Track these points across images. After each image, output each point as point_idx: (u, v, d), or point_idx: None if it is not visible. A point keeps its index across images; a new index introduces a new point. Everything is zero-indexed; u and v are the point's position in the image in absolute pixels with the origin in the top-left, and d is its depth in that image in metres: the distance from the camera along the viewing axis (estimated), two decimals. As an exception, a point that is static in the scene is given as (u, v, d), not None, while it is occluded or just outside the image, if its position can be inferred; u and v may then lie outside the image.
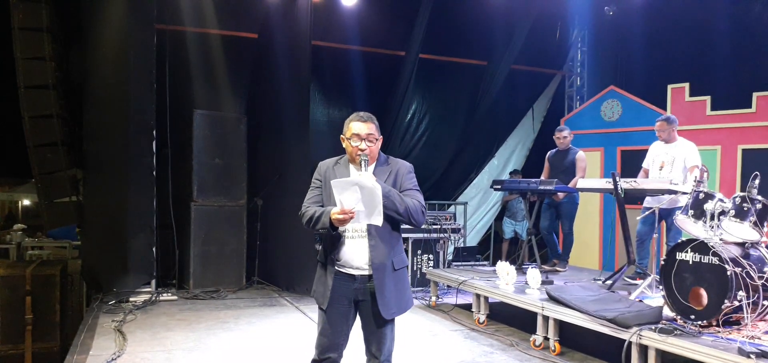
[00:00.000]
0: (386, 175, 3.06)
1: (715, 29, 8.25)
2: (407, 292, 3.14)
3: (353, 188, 2.79)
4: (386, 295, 2.99)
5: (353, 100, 9.60)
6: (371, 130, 3.05)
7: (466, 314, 6.32)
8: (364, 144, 3.02)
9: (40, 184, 7.16)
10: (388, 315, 3.02)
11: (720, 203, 4.39)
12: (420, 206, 3.00)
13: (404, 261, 3.13)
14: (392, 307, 3.03)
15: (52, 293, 6.86)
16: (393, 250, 3.04)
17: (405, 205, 2.95)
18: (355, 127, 3.04)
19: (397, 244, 3.09)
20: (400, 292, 3.07)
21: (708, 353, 3.71)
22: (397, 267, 3.06)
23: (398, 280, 3.07)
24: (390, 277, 3.01)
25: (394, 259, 3.04)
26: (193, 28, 7.90)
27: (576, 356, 4.89)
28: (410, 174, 3.11)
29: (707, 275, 4.10)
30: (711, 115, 7.86)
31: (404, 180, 3.07)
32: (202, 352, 4.85)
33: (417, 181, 3.12)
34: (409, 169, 3.12)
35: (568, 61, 10.92)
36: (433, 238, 7.81)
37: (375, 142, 3.06)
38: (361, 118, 3.07)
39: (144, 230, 6.85)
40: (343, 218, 2.84)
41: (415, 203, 2.99)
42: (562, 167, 6.98)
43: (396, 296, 3.04)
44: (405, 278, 3.14)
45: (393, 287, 3.02)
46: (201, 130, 7.32)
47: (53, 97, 6.93)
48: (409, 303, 3.14)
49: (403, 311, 3.10)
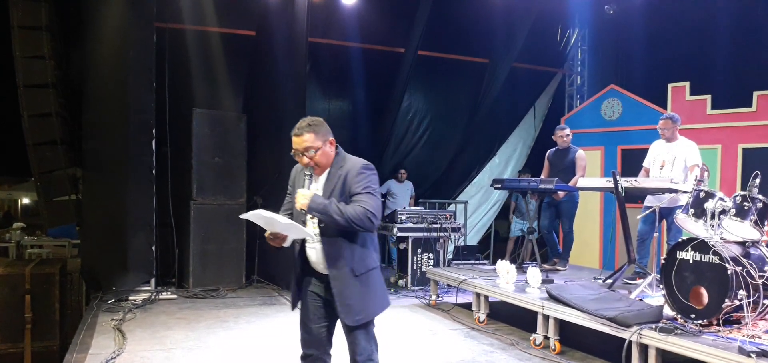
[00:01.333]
0: (334, 181, 2.95)
1: (715, 28, 8.25)
2: (377, 296, 3.03)
3: (270, 218, 2.83)
4: (347, 301, 2.92)
5: (353, 96, 9.61)
6: (307, 142, 2.93)
7: (466, 313, 6.31)
8: (305, 158, 2.95)
9: (40, 182, 7.16)
10: (351, 321, 2.94)
11: (720, 202, 4.39)
12: (364, 213, 2.81)
13: (369, 265, 3.00)
14: (356, 314, 2.93)
15: (52, 292, 6.84)
16: (352, 256, 2.93)
17: (346, 215, 2.80)
18: (293, 142, 2.97)
19: (357, 250, 2.95)
20: (367, 297, 2.97)
21: (708, 352, 3.69)
22: (359, 272, 2.94)
23: (363, 284, 2.95)
24: (351, 283, 2.92)
25: (355, 265, 2.93)
26: (193, 26, 7.89)
27: (576, 355, 4.88)
28: (360, 175, 2.91)
29: (708, 274, 4.09)
30: (711, 114, 7.86)
31: (353, 184, 2.90)
32: (202, 351, 4.84)
33: (372, 180, 2.94)
34: (359, 170, 2.93)
35: (569, 59, 10.93)
36: (433, 237, 7.81)
37: (317, 151, 2.95)
38: (295, 132, 2.97)
39: (143, 229, 6.85)
40: (273, 243, 2.95)
41: (358, 211, 2.81)
42: (562, 166, 6.97)
43: (361, 301, 2.94)
44: (371, 282, 3.00)
45: (356, 292, 2.93)
46: (200, 128, 7.31)
47: (53, 96, 6.93)
48: (379, 306, 3.04)
49: (373, 316, 3.01)
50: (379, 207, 2.90)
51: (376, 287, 3.03)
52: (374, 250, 3.06)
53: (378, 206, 2.89)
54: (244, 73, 8.47)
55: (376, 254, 3.07)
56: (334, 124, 10.35)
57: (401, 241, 7.92)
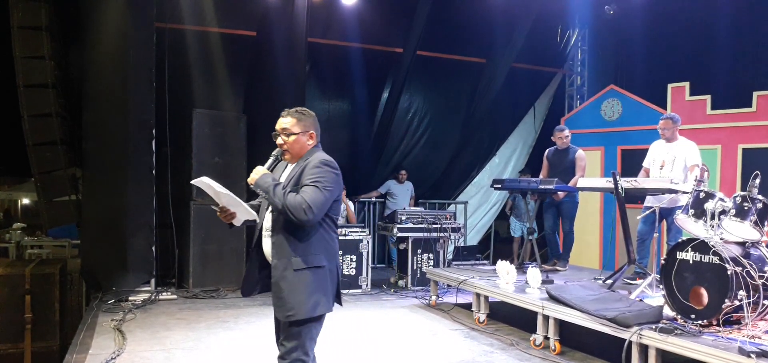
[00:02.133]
0: (295, 171, 2.94)
1: (715, 28, 8.25)
2: (314, 296, 2.87)
3: (217, 189, 2.84)
4: (280, 294, 2.87)
5: (352, 96, 9.62)
6: (286, 125, 2.97)
7: (466, 313, 6.31)
8: (280, 139, 2.99)
9: (40, 182, 7.15)
10: (281, 316, 2.89)
11: (720, 202, 4.39)
12: (301, 202, 2.75)
13: (311, 262, 2.88)
14: (288, 309, 2.85)
15: (52, 292, 6.84)
16: (294, 250, 2.86)
17: (284, 201, 2.77)
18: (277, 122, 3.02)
19: (301, 245, 2.87)
20: (302, 294, 2.85)
21: (708, 353, 3.69)
22: (298, 267, 2.85)
23: (300, 280, 2.85)
24: (288, 276, 2.85)
25: (295, 259, 2.85)
26: (193, 27, 7.89)
27: (576, 356, 4.88)
28: (316, 169, 2.86)
29: (708, 275, 4.09)
30: (711, 115, 7.86)
31: (306, 176, 2.86)
32: (202, 352, 4.84)
33: (327, 176, 2.86)
34: (316, 164, 2.88)
35: (569, 60, 10.93)
36: (433, 237, 7.81)
37: (291, 136, 2.96)
38: (282, 114, 3.03)
39: (143, 229, 6.85)
40: (221, 217, 2.95)
41: (297, 200, 2.77)
42: (562, 166, 6.97)
43: (294, 297, 2.85)
44: (310, 280, 2.88)
45: (291, 287, 2.85)
46: (200, 128, 7.30)
47: (52, 96, 6.92)
48: (314, 308, 2.87)
49: (306, 315, 2.86)
50: (321, 202, 2.80)
51: (315, 287, 2.88)
52: (324, 250, 2.93)
53: (320, 202, 2.80)
54: (244, 74, 8.47)
55: (326, 255, 2.94)
56: (334, 124, 10.40)
57: (401, 241, 7.92)
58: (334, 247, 3.02)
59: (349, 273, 7.48)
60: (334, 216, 3.02)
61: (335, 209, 3.00)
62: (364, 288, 7.54)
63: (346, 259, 7.45)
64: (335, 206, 2.99)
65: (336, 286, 3.03)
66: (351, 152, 9.82)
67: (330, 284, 2.97)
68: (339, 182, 2.94)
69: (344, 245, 7.45)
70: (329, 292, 2.96)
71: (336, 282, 3.03)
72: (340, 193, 3.01)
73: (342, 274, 3.09)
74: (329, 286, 2.96)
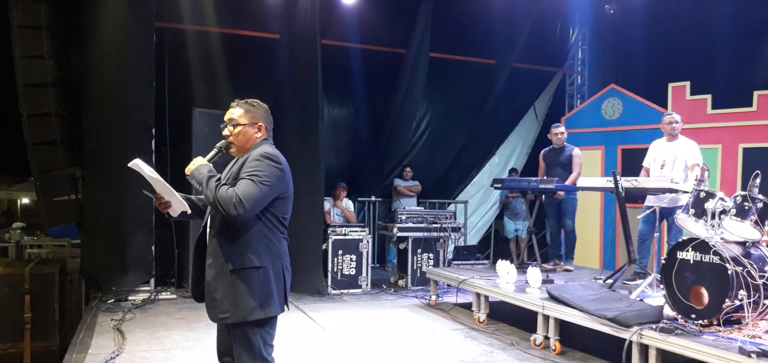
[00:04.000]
0: (236, 164, 2.82)
1: (715, 28, 8.25)
2: (252, 298, 2.69)
3: (151, 174, 2.74)
4: (213, 294, 2.72)
5: (355, 98, 9.61)
6: (233, 115, 2.85)
7: (466, 313, 6.30)
8: (226, 130, 2.87)
9: (39, 182, 7.12)
10: (212, 317, 2.74)
11: (721, 202, 4.39)
12: (232, 195, 2.59)
13: (249, 262, 2.70)
14: (221, 311, 2.69)
15: (51, 292, 6.82)
16: (231, 249, 2.70)
17: (215, 194, 2.62)
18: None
19: (239, 243, 2.70)
20: (238, 295, 2.68)
21: (709, 352, 3.69)
22: (235, 267, 2.69)
23: (236, 280, 2.69)
24: (222, 277, 2.71)
25: (232, 258, 2.69)
26: (193, 26, 7.88)
27: (576, 355, 4.87)
28: (255, 162, 2.70)
29: (708, 274, 4.08)
30: (712, 114, 7.85)
31: (245, 167, 2.72)
32: (201, 351, 4.83)
33: (266, 170, 2.69)
34: (256, 157, 2.73)
35: (569, 59, 10.93)
36: (433, 236, 7.80)
37: (237, 127, 2.83)
38: (232, 104, 2.91)
39: (143, 229, 6.85)
40: (157, 205, 2.83)
41: (229, 193, 2.61)
42: (559, 164, 6.96)
43: (228, 298, 2.69)
44: (248, 281, 2.70)
45: (225, 288, 2.69)
46: (200, 128, 7.28)
47: (52, 96, 6.89)
48: (253, 310, 2.69)
49: (243, 318, 2.69)
50: (255, 197, 2.62)
51: (254, 288, 2.70)
52: (265, 249, 2.75)
53: (254, 196, 2.62)
54: (245, 74, 8.45)
55: (267, 255, 2.76)
56: (336, 124, 10.30)
57: (401, 241, 7.92)
58: (278, 247, 2.81)
59: (349, 273, 7.47)
60: (281, 214, 2.82)
61: (282, 207, 2.82)
62: (364, 288, 7.54)
63: (345, 259, 7.45)
64: (281, 204, 2.81)
65: (283, 288, 2.82)
66: (353, 153, 9.82)
67: (274, 285, 2.76)
68: (281, 177, 2.75)
69: (344, 245, 7.45)
70: (273, 293, 2.76)
71: (282, 283, 2.81)
72: (285, 190, 2.81)
73: (290, 276, 2.91)
74: (273, 287, 2.76)
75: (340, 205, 8.45)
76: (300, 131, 7.37)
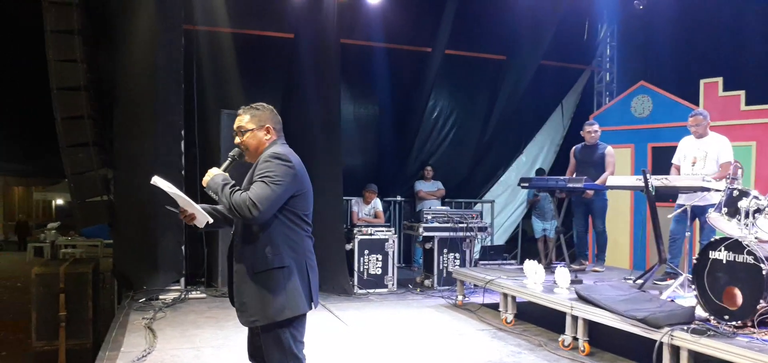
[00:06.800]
0: (251, 168, 2.83)
1: (748, 21, 8.05)
2: (279, 298, 2.71)
3: (171, 191, 2.79)
4: (242, 299, 2.75)
5: (379, 97, 9.62)
6: (241, 122, 2.89)
7: (493, 314, 6.27)
8: (237, 138, 2.90)
9: (73, 183, 7.28)
10: (245, 321, 2.77)
11: (755, 201, 4.29)
12: (246, 199, 2.62)
13: (272, 263, 2.71)
14: (251, 314, 2.73)
15: (85, 291, 6.97)
16: (254, 252, 2.73)
17: (230, 200, 2.67)
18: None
19: (260, 246, 2.72)
20: (265, 297, 2.71)
21: (743, 355, 3.61)
22: (258, 269, 2.71)
23: (262, 283, 2.71)
24: (248, 280, 2.73)
25: (255, 261, 2.72)
26: (221, 29, 7.97)
27: (606, 357, 4.82)
28: (265, 163, 2.72)
29: (741, 274, 4.00)
30: (745, 111, 7.66)
31: (256, 171, 2.74)
32: (230, 350, 4.90)
33: (277, 170, 2.69)
34: (266, 158, 2.74)
35: (597, 56, 10.78)
36: (459, 236, 7.77)
37: (246, 133, 2.86)
38: (238, 112, 2.93)
39: (173, 229, 6.96)
40: (182, 218, 2.88)
41: (243, 197, 2.64)
42: (591, 163, 6.85)
43: (257, 301, 2.71)
44: (273, 282, 2.72)
45: (252, 291, 2.72)
46: (228, 129, 7.33)
47: (85, 99, 7.03)
48: (281, 311, 2.71)
49: (272, 319, 2.71)
50: (269, 197, 2.63)
51: (279, 288, 2.72)
52: (288, 248, 2.75)
53: (267, 197, 2.63)
54: (273, 75, 8.52)
55: (290, 253, 2.76)
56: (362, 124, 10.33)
57: (427, 240, 7.91)
58: (302, 245, 2.82)
59: (375, 272, 7.49)
60: (300, 211, 2.81)
61: (300, 204, 2.81)
62: (390, 287, 7.54)
63: (371, 259, 7.46)
64: (299, 201, 2.80)
65: (308, 285, 2.81)
66: (377, 152, 9.83)
67: (299, 283, 2.77)
68: (293, 175, 2.74)
69: (370, 245, 7.46)
70: (299, 291, 2.77)
71: (306, 280, 2.81)
72: (301, 187, 2.80)
73: (314, 273, 2.90)
74: (298, 284, 2.77)
75: (370, 205, 8.46)
76: (324, 132, 7.40)
